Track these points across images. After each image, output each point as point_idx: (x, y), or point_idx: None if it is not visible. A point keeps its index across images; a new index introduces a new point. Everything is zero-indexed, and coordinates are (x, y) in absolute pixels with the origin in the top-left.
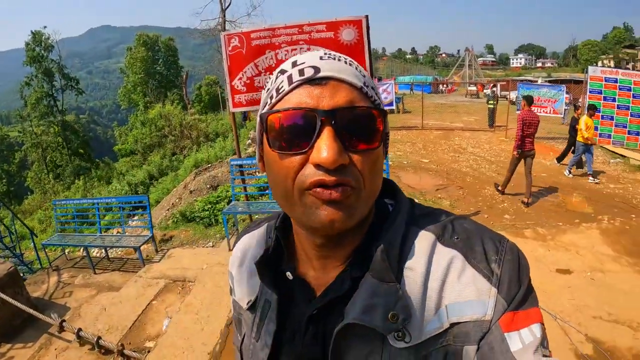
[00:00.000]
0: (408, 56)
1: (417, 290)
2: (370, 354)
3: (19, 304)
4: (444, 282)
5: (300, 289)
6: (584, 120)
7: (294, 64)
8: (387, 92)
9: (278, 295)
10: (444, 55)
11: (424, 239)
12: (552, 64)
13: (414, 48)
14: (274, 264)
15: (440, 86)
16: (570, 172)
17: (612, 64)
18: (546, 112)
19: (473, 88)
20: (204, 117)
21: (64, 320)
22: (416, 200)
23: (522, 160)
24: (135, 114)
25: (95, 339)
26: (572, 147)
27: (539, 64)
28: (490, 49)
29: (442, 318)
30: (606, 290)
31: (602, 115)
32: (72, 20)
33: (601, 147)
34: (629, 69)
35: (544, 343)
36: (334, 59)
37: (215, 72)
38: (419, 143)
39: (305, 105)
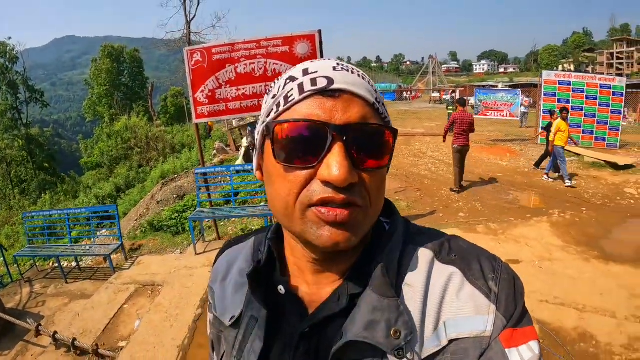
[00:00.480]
0: (373, 64)
1: (416, 307)
2: None
3: None
4: (442, 298)
5: (291, 304)
6: (557, 124)
7: (305, 72)
8: None
9: (268, 311)
10: (408, 62)
11: (422, 256)
12: (514, 69)
13: (379, 56)
14: (265, 277)
15: (405, 93)
16: (548, 177)
17: (572, 67)
18: (503, 116)
19: (436, 95)
20: (170, 128)
21: (39, 325)
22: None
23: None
24: (100, 126)
25: (71, 341)
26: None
27: (502, 70)
28: (454, 55)
29: (440, 335)
30: (553, 277)
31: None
32: (36, 30)
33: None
34: (588, 71)
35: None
36: (348, 70)
37: (180, 83)
38: None
39: (317, 118)
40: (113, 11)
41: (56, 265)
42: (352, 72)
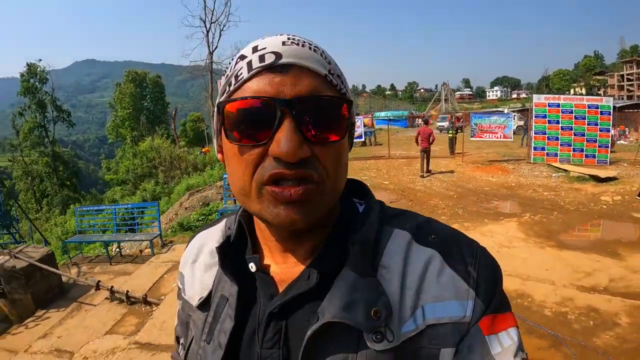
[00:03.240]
0: (387, 92)
1: (393, 290)
2: (346, 355)
3: (61, 272)
4: (421, 281)
5: (262, 283)
6: None
7: (255, 49)
8: (356, 126)
9: (239, 287)
10: (422, 90)
11: (399, 238)
12: (526, 94)
13: (393, 84)
14: (235, 253)
15: (417, 120)
16: None
17: (583, 91)
18: (497, 137)
19: (443, 124)
20: (192, 150)
21: (99, 281)
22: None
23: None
24: (122, 147)
25: (125, 292)
26: None
27: (514, 95)
28: (467, 82)
29: (418, 319)
30: (508, 259)
31: (547, 137)
32: (58, 52)
33: (548, 164)
34: (600, 94)
35: (521, 347)
36: (298, 44)
37: (200, 109)
38: (383, 169)
39: (265, 94)
40: (133, 37)
41: (98, 254)
42: (302, 45)
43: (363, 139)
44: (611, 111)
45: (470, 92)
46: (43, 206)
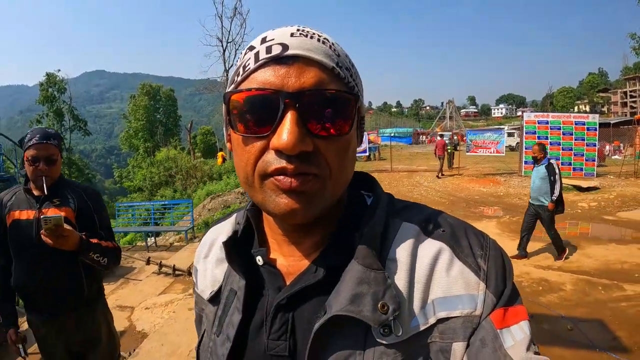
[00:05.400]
0: (393, 109)
1: (401, 283)
2: (353, 351)
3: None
4: (431, 275)
5: (270, 276)
6: None
7: (263, 40)
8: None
9: (246, 281)
10: (428, 107)
11: (407, 230)
12: (531, 112)
13: (399, 101)
14: (243, 247)
15: (421, 137)
16: None
17: (587, 108)
18: (490, 152)
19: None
20: (207, 160)
21: (150, 257)
22: None
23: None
24: (135, 157)
25: (172, 265)
26: None
27: (519, 113)
28: (472, 100)
29: (428, 313)
30: None
31: None
32: (68, 62)
33: None
34: (603, 111)
35: (533, 340)
36: (306, 36)
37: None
38: (385, 181)
39: (270, 86)
40: (142, 49)
41: (134, 245)
42: (311, 37)
43: (368, 154)
44: (597, 127)
45: (476, 110)
46: None
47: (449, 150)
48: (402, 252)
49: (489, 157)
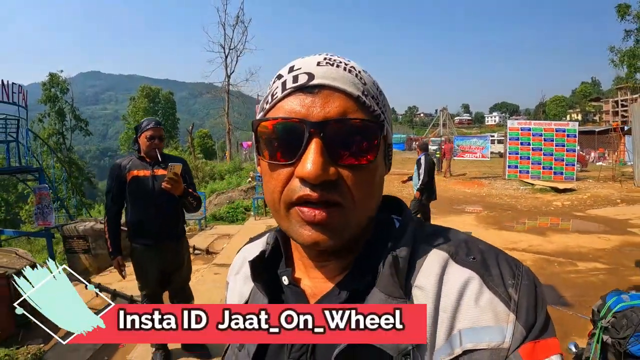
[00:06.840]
0: None
1: (426, 312)
2: None
3: None
4: (458, 304)
5: (293, 296)
6: None
7: (291, 69)
8: None
9: (269, 300)
10: (422, 114)
11: (435, 257)
12: (524, 120)
13: (393, 108)
14: (269, 267)
15: (414, 143)
16: None
17: (579, 117)
18: (476, 157)
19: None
20: (209, 161)
21: None
22: None
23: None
24: None
25: (192, 245)
26: None
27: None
28: (466, 108)
29: (454, 344)
30: None
31: (520, 156)
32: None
33: (520, 180)
34: (595, 120)
35: None
36: (332, 64)
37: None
38: None
39: (295, 115)
40: (138, 51)
41: None
42: (337, 66)
43: None
44: (577, 134)
45: (470, 117)
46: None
47: (438, 155)
48: (429, 279)
49: (478, 162)
